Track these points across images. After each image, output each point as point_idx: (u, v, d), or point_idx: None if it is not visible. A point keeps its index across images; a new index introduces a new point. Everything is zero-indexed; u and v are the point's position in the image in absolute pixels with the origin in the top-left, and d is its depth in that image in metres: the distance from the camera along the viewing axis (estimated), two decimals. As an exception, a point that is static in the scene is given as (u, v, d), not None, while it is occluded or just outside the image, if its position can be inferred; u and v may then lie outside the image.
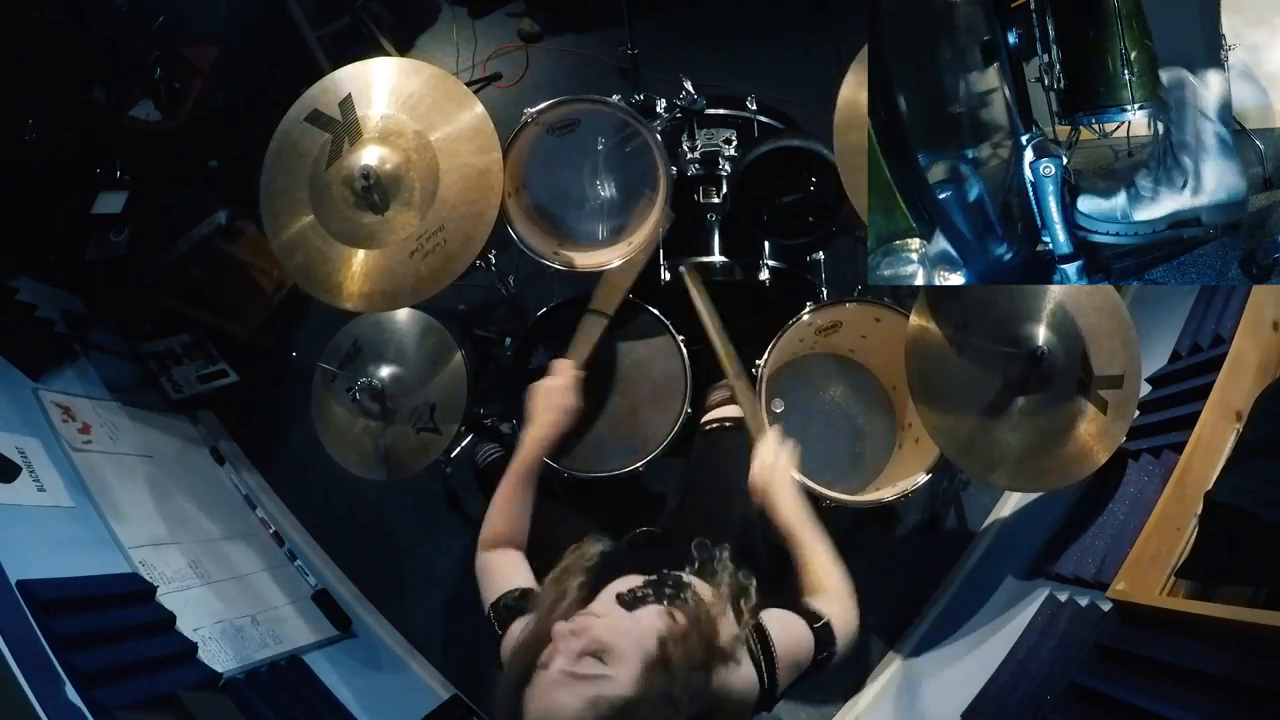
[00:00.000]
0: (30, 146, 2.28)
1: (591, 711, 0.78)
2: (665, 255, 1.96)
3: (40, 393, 2.04)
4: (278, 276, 2.68)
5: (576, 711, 0.78)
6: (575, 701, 0.78)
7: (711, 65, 2.87)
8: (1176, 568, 1.37)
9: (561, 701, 0.79)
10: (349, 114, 1.68)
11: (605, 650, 0.81)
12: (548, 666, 0.82)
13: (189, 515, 2.19)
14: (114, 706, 1.32)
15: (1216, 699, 1.10)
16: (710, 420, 1.69)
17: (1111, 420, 1.55)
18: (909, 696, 2.00)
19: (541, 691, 0.80)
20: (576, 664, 0.81)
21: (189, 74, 2.56)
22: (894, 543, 2.30)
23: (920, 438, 1.78)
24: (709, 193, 1.96)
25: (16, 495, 1.66)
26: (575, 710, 0.78)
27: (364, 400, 1.83)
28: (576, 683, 0.79)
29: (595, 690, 0.79)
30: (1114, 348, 1.57)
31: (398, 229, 1.65)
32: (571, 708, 0.78)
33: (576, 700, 0.78)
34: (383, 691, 2.16)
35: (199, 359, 2.57)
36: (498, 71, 3.03)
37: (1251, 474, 1.28)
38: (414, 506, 2.48)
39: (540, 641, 0.85)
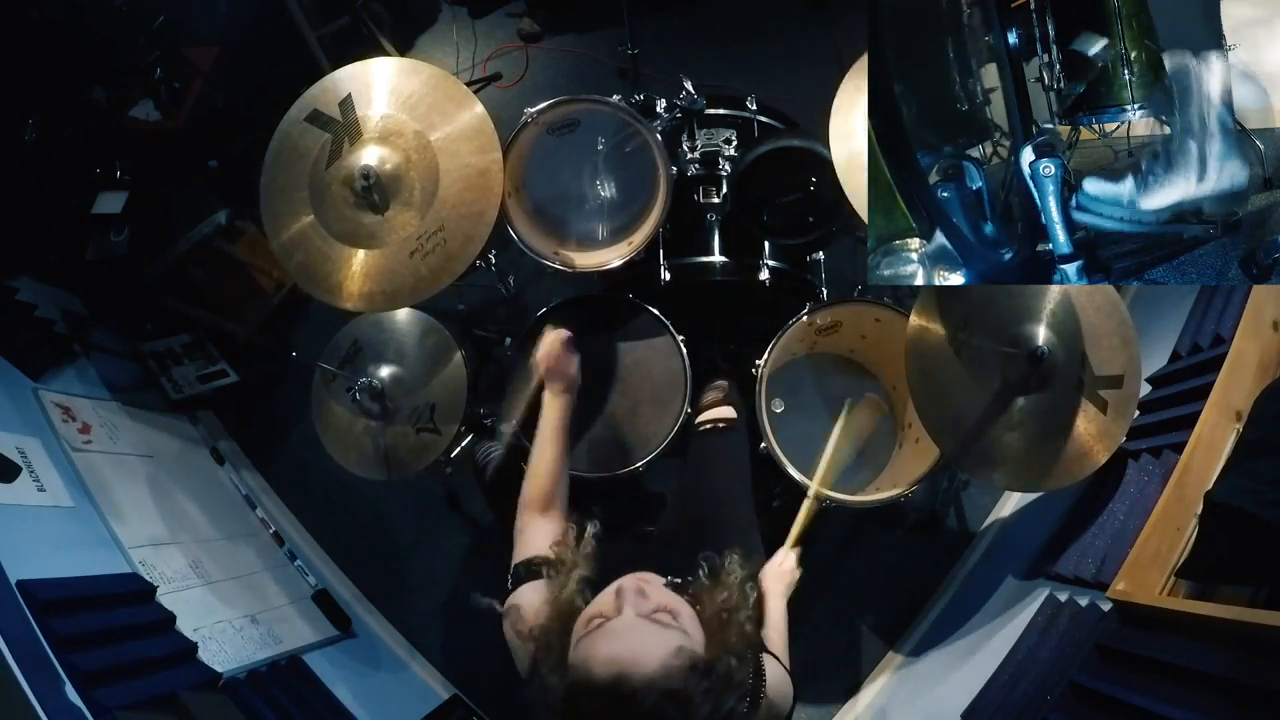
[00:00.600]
0: (30, 146, 2.28)
1: (676, 659, 0.78)
2: (665, 255, 1.96)
3: (40, 393, 2.04)
4: (278, 276, 2.68)
5: (664, 654, 0.78)
6: (661, 644, 0.78)
7: (711, 65, 2.87)
8: (1176, 568, 1.37)
9: (646, 643, 0.79)
10: (349, 114, 1.68)
11: (675, 613, 0.83)
12: (618, 614, 0.82)
13: (189, 515, 2.19)
14: (114, 706, 1.32)
15: (1216, 699, 1.10)
16: (704, 421, 1.68)
17: (1111, 420, 1.55)
18: (909, 696, 2.00)
19: (617, 635, 0.80)
20: (652, 615, 0.82)
21: (189, 74, 2.56)
22: (894, 543, 2.30)
23: (920, 438, 1.78)
24: (709, 193, 1.96)
25: (16, 495, 1.66)
26: (662, 652, 0.78)
27: (364, 400, 1.83)
28: (662, 628, 0.80)
29: (678, 640, 0.79)
30: (1114, 348, 1.57)
31: (398, 229, 1.65)
32: (658, 648, 0.78)
33: (662, 643, 0.79)
34: (383, 691, 2.16)
35: (199, 359, 2.57)
36: (498, 71, 3.03)
37: (1251, 474, 1.28)
38: (414, 506, 2.49)
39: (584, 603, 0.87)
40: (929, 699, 1.90)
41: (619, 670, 0.76)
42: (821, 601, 2.21)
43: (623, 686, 0.75)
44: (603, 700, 0.76)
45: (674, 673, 0.77)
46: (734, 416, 1.67)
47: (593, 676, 0.77)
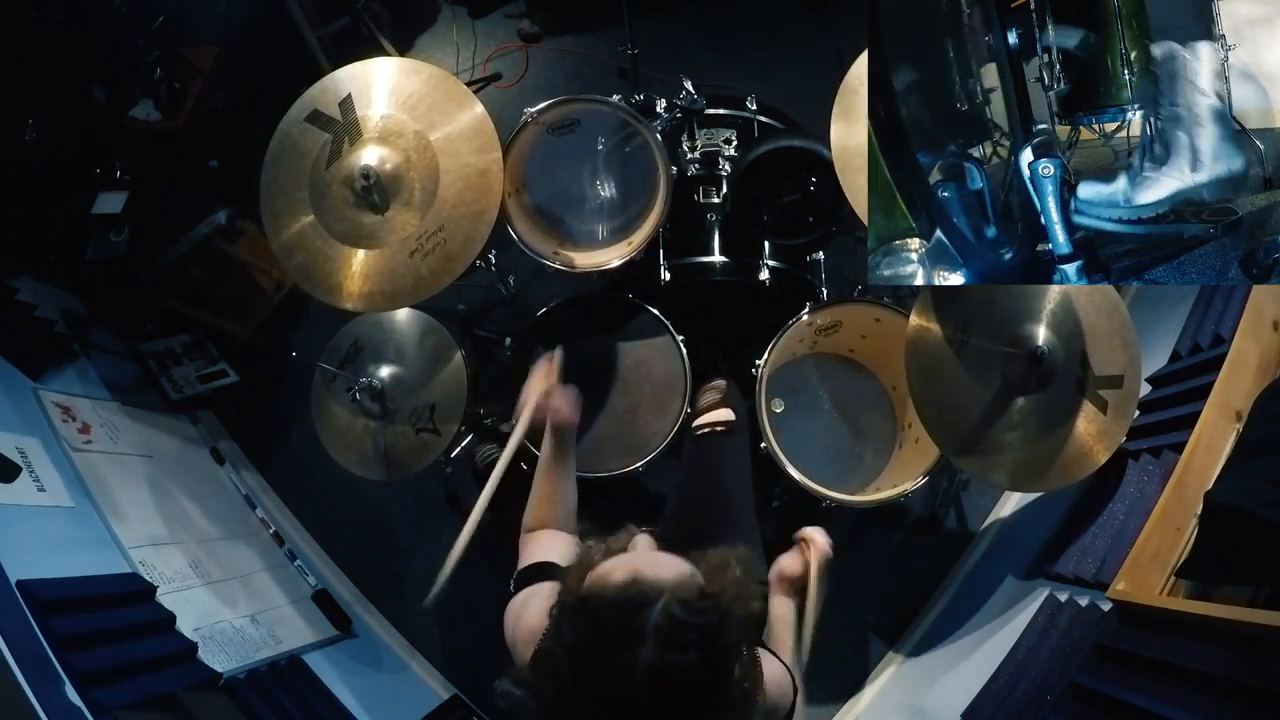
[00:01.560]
0: (30, 146, 2.28)
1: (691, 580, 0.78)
2: (665, 255, 1.96)
3: (40, 393, 2.04)
4: (278, 276, 2.68)
5: (678, 571, 0.78)
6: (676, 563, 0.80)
7: (711, 65, 2.87)
8: (1176, 568, 1.37)
9: (664, 559, 0.80)
10: (349, 114, 1.68)
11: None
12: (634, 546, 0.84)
13: (189, 515, 2.19)
14: (114, 706, 1.32)
15: (1216, 699, 1.10)
16: (702, 425, 1.67)
17: (1111, 420, 1.55)
18: (909, 696, 2.00)
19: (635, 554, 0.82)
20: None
21: (189, 74, 2.56)
22: (894, 543, 2.30)
23: (920, 438, 1.78)
24: (709, 193, 1.96)
25: (16, 495, 1.66)
26: (676, 569, 0.79)
27: (364, 400, 1.83)
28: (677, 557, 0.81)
29: (692, 567, 0.80)
30: (1114, 348, 1.57)
31: (398, 229, 1.65)
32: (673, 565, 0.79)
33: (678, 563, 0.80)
34: (383, 691, 2.16)
35: (199, 359, 2.57)
36: (498, 71, 3.03)
37: (1251, 474, 1.29)
38: (414, 506, 2.48)
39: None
40: (929, 699, 1.90)
41: (634, 573, 0.77)
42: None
43: (635, 587, 0.75)
44: (614, 603, 0.76)
45: (687, 589, 0.77)
46: (733, 419, 1.66)
47: (609, 581, 0.77)
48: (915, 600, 2.23)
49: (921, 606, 2.22)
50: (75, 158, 2.41)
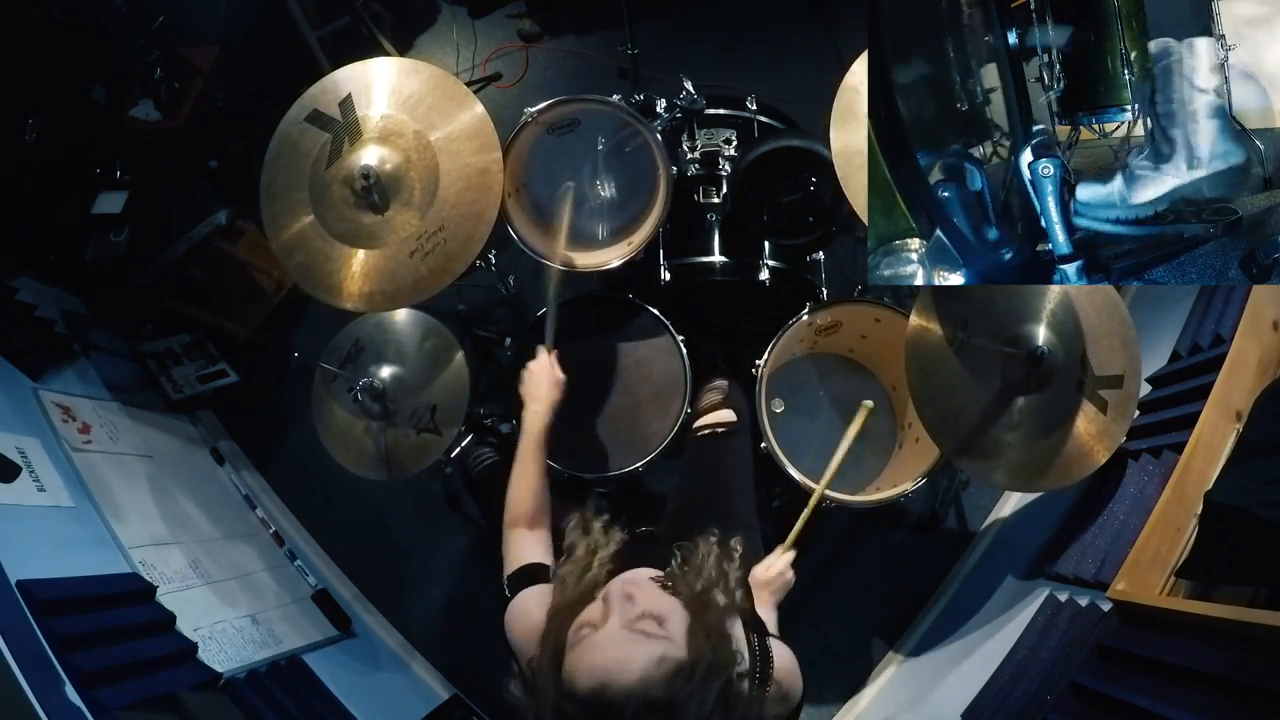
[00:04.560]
0: (30, 146, 2.28)
1: (658, 669, 0.79)
2: (665, 255, 1.96)
3: (40, 393, 2.04)
4: (278, 276, 2.68)
5: (644, 665, 0.78)
6: (642, 656, 0.79)
7: (711, 65, 2.87)
8: (1176, 568, 1.37)
9: (628, 655, 0.80)
10: (349, 114, 1.68)
11: (662, 619, 0.83)
12: (604, 624, 0.83)
13: (189, 515, 2.19)
14: (114, 706, 1.32)
15: (1216, 699, 1.10)
16: (703, 426, 1.68)
17: (1111, 420, 1.54)
18: (909, 696, 2.00)
19: (600, 646, 0.81)
20: (636, 623, 0.82)
21: (189, 74, 2.57)
22: (894, 543, 2.30)
23: (920, 438, 1.78)
24: (709, 193, 1.96)
25: (16, 495, 1.66)
26: (642, 664, 0.78)
27: (365, 401, 1.83)
28: (644, 639, 0.81)
29: (661, 649, 0.80)
30: (1114, 348, 1.57)
31: (398, 229, 1.65)
32: (638, 661, 0.79)
33: (644, 655, 0.79)
34: (383, 691, 2.16)
35: (199, 359, 2.57)
36: (498, 71, 3.03)
37: (1251, 474, 1.28)
38: (414, 506, 2.48)
39: (581, 603, 0.88)
40: (929, 699, 1.90)
41: (600, 681, 0.78)
42: (821, 601, 2.21)
43: (603, 696, 0.77)
44: (586, 709, 0.78)
45: (654, 683, 0.78)
46: (734, 420, 1.66)
47: (577, 686, 0.79)
48: (915, 600, 2.23)
49: (921, 606, 2.22)
50: (75, 158, 2.41)
